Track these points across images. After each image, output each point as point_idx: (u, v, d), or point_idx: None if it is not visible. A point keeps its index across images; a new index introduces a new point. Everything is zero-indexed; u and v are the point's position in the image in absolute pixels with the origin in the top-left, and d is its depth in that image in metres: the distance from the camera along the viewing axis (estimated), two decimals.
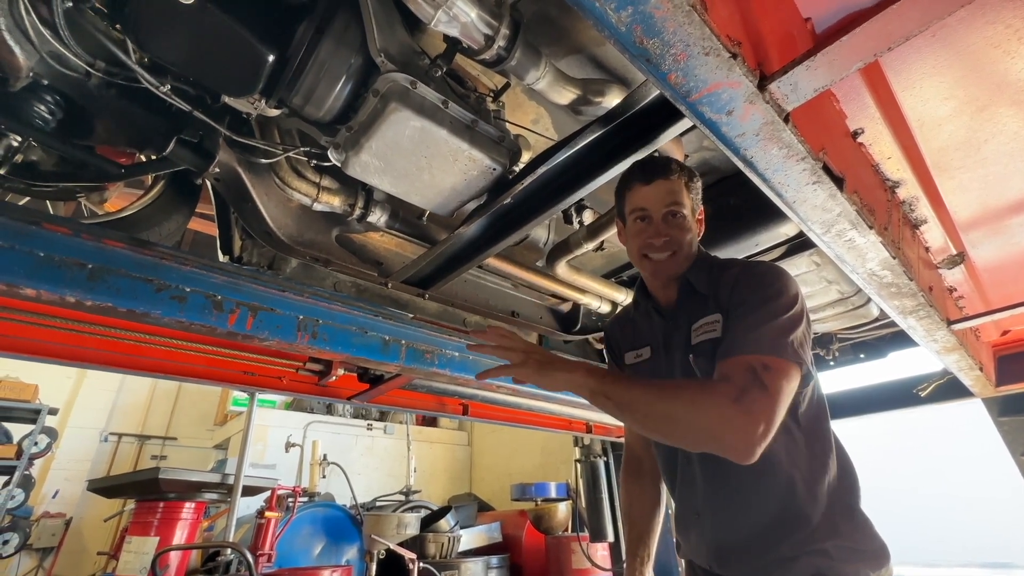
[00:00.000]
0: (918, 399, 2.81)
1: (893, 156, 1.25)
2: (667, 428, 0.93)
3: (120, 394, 6.53)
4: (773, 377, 0.91)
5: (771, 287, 1.05)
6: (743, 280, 1.09)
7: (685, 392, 0.94)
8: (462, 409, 2.85)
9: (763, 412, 0.87)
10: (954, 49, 0.98)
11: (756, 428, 0.86)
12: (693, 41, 0.67)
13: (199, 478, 3.60)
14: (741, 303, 1.05)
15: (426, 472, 6.97)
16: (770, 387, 0.90)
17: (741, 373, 0.92)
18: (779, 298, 1.03)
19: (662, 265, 1.19)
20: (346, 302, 1.77)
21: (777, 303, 1.02)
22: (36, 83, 1.21)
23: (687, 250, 1.19)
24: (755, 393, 0.89)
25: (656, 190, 1.17)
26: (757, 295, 1.04)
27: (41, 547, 5.30)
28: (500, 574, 4.29)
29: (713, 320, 1.11)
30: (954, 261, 1.61)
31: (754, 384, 0.90)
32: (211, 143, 1.42)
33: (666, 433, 0.95)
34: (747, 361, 0.94)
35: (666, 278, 1.22)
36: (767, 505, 1.05)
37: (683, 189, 1.18)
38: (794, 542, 1.00)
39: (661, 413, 0.91)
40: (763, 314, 1.00)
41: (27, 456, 4.57)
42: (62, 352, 1.74)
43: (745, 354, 0.96)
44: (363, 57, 1.20)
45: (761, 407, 0.88)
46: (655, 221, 1.18)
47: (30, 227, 1.21)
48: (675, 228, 1.17)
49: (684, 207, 1.17)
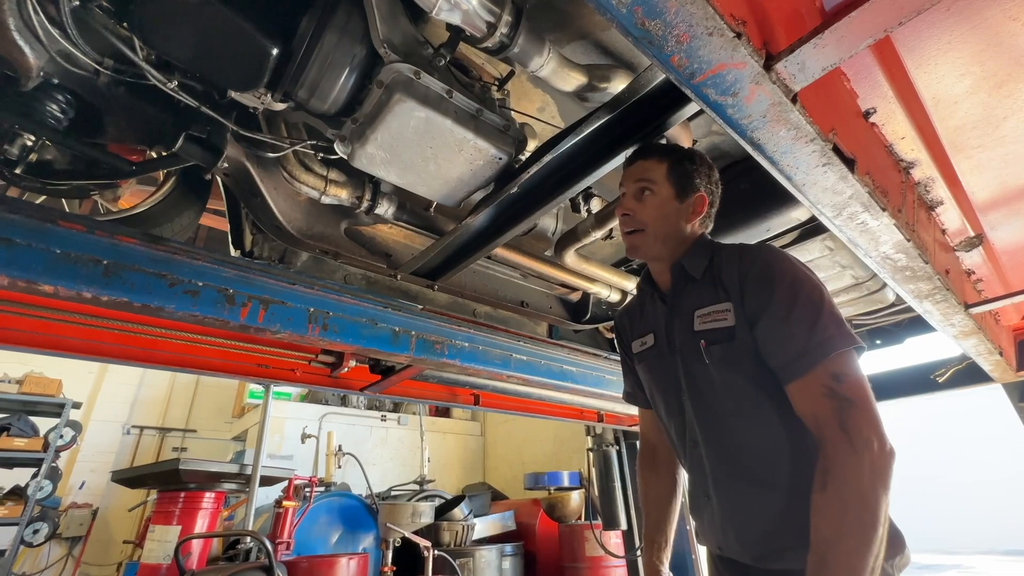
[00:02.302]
0: (936, 385, 2.76)
1: (907, 136, 1.22)
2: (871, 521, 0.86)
3: (141, 388, 6.68)
4: (849, 382, 0.93)
5: (786, 278, 1.04)
6: (754, 277, 1.07)
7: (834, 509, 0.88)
8: (474, 399, 2.87)
9: (868, 427, 0.90)
10: (971, 23, 0.95)
11: (872, 446, 0.88)
12: (696, 21, 0.66)
13: (218, 468, 3.68)
14: (766, 306, 1.03)
15: (440, 462, 7.04)
16: (854, 396, 0.92)
17: (822, 406, 0.93)
18: (801, 288, 1.02)
19: (630, 241, 1.21)
20: (356, 294, 1.78)
21: (802, 293, 1.01)
22: (47, 82, 1.23)
23: (657, 229, 1.18)
24: (850, 419, 0.90)
25: (633, 168, 1.21)
26: (779, 294, 1.02)
27: (70, 536, 5.47)
28: (514, 562, 4.34)
29: (723, 309, 1.09)
30: (972, 243, 1.57)
31: (842, 408, 0.91)
32: (219, 138, 1.43)
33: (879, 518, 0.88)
34: (819, 382, 0.94)
35: (652, 259, 1.23)
36: (775, 489, 1.04)
37: (659, 168, 1.18)
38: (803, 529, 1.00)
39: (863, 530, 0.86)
40: (800, 313, 0.99)
41: (53, 448, 4.71)
42: (83, 347, 1.78)
43: (812, 369, 0.96)
44: (366, 48, 1.20)
45: (864, 427, 0.89)
46: (625, 198, 1.21)
47: (46, 225, 1.23)
48: (640, 205, 1.18)
49: (655, 184, 1.17)
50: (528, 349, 2.28)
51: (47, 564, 5.35)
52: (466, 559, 3.95)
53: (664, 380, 1.23)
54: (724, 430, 1.10)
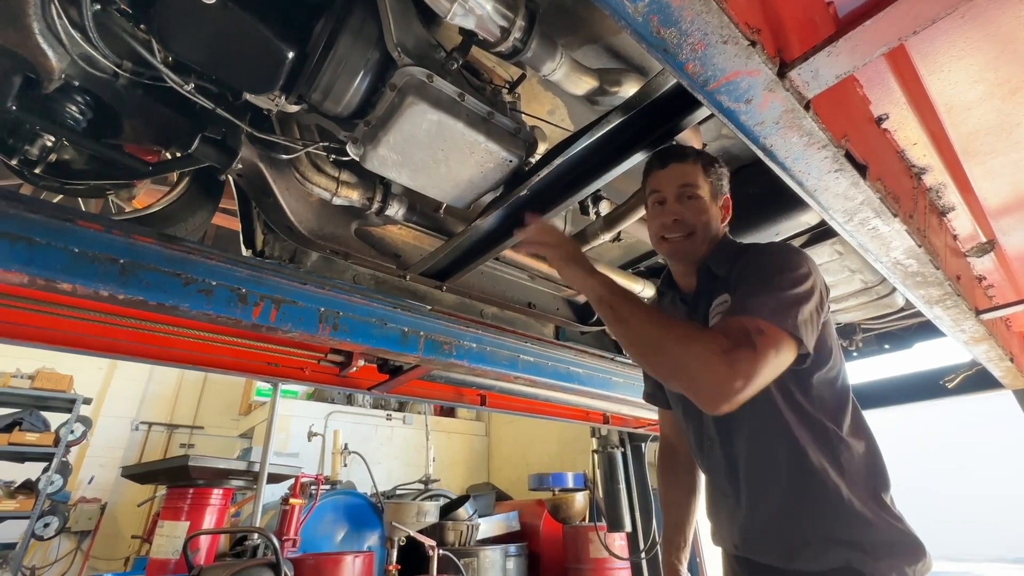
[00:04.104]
0: (945, 391, 2.74)
1: (919, 142, 1.22)
2: (652, 356, 0.96)
3: (149, 385, 6.75)
4: (765, 342, 0.91)
5: (783, 262, 1.05)
6: (756, 255, 1.11)
7: (681, 329, 0.96)
8: (480, 399, 2.88)
9: (745, 370, 0.88)
10: (984, 30, 0.95)
11: (733, 382, 0.87)
12: (711, 29, 0.66)
13: (226, 465, 3.72)
14: (751, 275, 1.06)
15: (444, 462, 7.05)
16: (759, 349, 0.90)
17: (735, 331, 0.93)
18: (789, 272, 1.03)
19: (678, 245, 1.20)
20: (366, 294, 1.80)
21: (786, 276, 1.02)
22: (68, 84, 1.25)
23: (704, 233, 1.19)
24: (743, 352, 0.89)
25: (670, 173, 1.20)
26: (768, 269, 1.05)
27: (79, 530, 5.54)
28: (518, 562, 4.35)
29: (723, 300, 1.11)
30: (983, 249, 1.57)
31: (745, 343, 0.90)
32: (234, 140, 1.45)
33: (650, 360, 0.99)
34: (744, 322, 0.95)
35: (686, 262, 1.23)
36: (790, 488, 1.04)
37: (699, 172, 1.19)
38: (818, 529, 1.00)
39: (652, 338, 0.95)
40: (771, 285, 1.00)
41: (64, 443, 4.77)
42: (97, 344, 1.80)
43: (744, 315, 0.96)
44: (380, 52, 1.21)
45: (745, 365, 0.88)
46: (669, 202, 1.20)
47: (65, 224, 1.25)
48: (688, 209, 1.18)
49: (699, 189, 1.18)
50: (535, 350, 2.29)
51: (56, 557, 5.41)
52: (470, 559, 3.96)
53: None
54: (740, 429, 1.11)
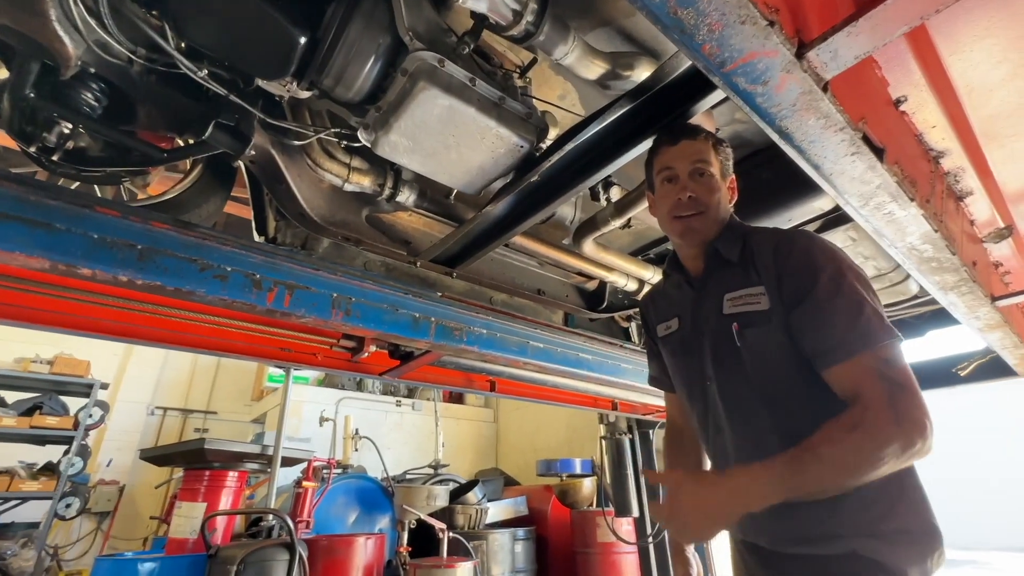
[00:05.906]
0: (958, 378, 2.72)
1: (938, 125, 1.20)
2: (856, 478, 0.87)
3: (164, 370, 6.87)
4: (899, 369, 0.92)
5: (828, 264, 1.02)
6: (794, 263, 1.05)
7: (847, 442, 0.87)
8: (489, 385, 2.90)
9: (919, 411, 0.88)
10: (1009, 10, 0.93)
11: (924, 431, 0.86)
12: (729, 9, 0.65)
13: (241, 449, 3.79)
14: (809, 290, 1.01)
15: (453, 447, 7.14)
16: (904, 381, 0.90)
17: (871, 383, 0.90)
18: (845, 276, 1.00)
19: (692, 223, 1.16)
20: (377, 280, 1.81)
21: (845, 282, 0.99)
22: (84, 71, 1.26)
23: (715, 212, 1.17)
24: (900, 400, 0.88)
25: (682, 149, 1.17)
26: (822, 280, 1.00)
27: (99, 511, 5.70)
28: (526, 546, 4.41)
29: (757, 292, 1.08)
30: (1001, 235, 1.54)
31: (892, 390, 0.89)
32: (246, 126, 1.46)
33: (859, 480, 0.88)
34: (866, 365, 0.92)
35: (697, 242, 1.20)
36: None
37: (710, 150, 1.17)
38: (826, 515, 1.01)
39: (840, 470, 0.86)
40: (844, 302, 0.98)
41: (83, 427, 4.89)
42: (115, 328, 1.84)
43: (858, 354, 0.94)
44: (391, 36, 1.21)
45: (915, 411, 0.87)
46: (682, 179, 1.17)
47: (84, 210, 1.28)
48: (702, 187, 1.16)
49: (711, 166, 1.16)
50: (545, 337, 2.30)
51: (78, 537, 5.58)
52: (480, 542, 4.03)
53: (688, 364, 1.24)
54: (751, 416, 1.11)
